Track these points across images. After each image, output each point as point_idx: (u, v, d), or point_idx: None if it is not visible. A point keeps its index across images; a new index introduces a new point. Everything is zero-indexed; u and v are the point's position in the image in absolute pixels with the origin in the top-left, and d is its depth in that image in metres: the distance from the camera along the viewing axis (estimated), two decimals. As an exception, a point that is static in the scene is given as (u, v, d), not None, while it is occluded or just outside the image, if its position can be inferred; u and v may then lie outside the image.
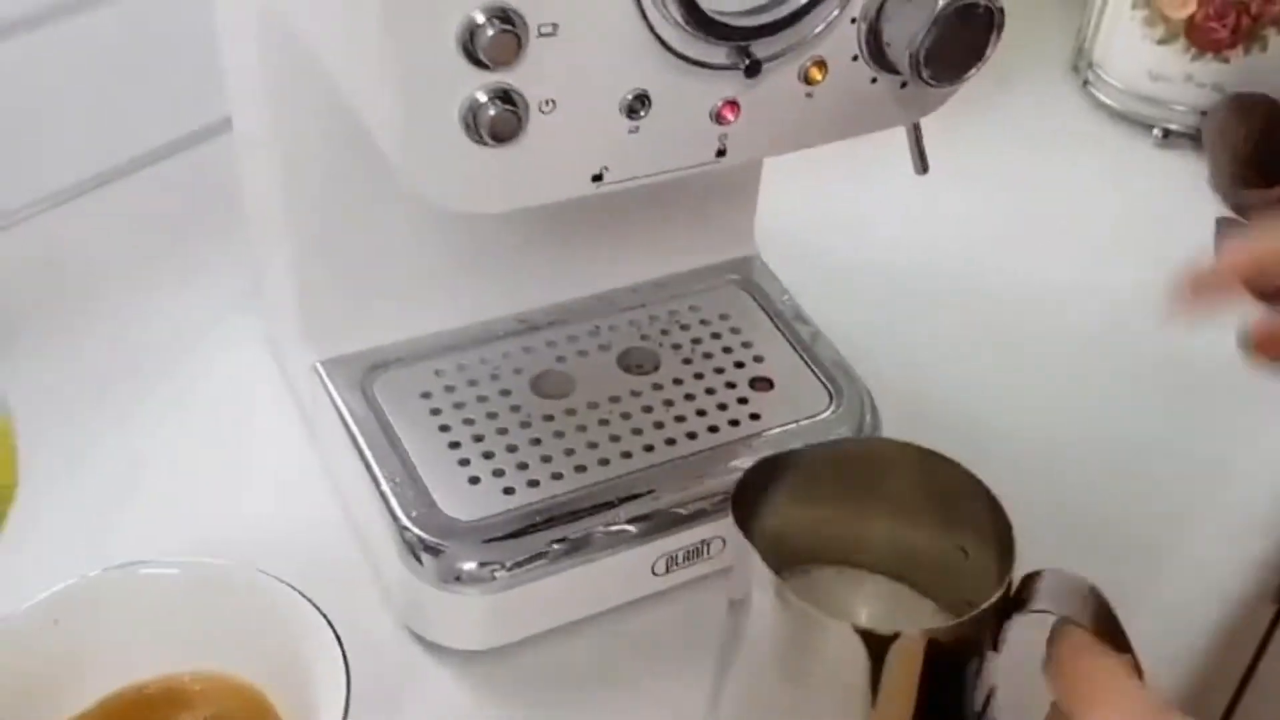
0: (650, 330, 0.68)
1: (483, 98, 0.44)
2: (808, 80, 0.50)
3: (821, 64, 0.49)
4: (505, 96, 0.44)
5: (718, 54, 0.47)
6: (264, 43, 0.56)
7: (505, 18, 0.42)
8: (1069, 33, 0.99)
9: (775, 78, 0.49)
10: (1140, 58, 0.92)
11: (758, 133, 0.50)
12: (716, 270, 0.71)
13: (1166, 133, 0.93)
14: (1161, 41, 0.91)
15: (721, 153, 0.50)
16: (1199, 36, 0.89)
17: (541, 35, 0.43)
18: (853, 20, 0.49)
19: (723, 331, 0.68)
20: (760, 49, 0.47)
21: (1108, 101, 0.95)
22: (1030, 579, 0.47)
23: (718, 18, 0.45)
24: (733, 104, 0.49)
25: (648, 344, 0.67)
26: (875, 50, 0.50)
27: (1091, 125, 0.95)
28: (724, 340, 0.68)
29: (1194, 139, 0.92)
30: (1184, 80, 0.91)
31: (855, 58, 0.50)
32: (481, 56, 0.42)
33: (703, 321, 0.69)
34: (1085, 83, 0.97)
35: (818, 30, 0.48)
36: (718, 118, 0.49)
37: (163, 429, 0.67)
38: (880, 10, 0.49)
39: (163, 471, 0.65)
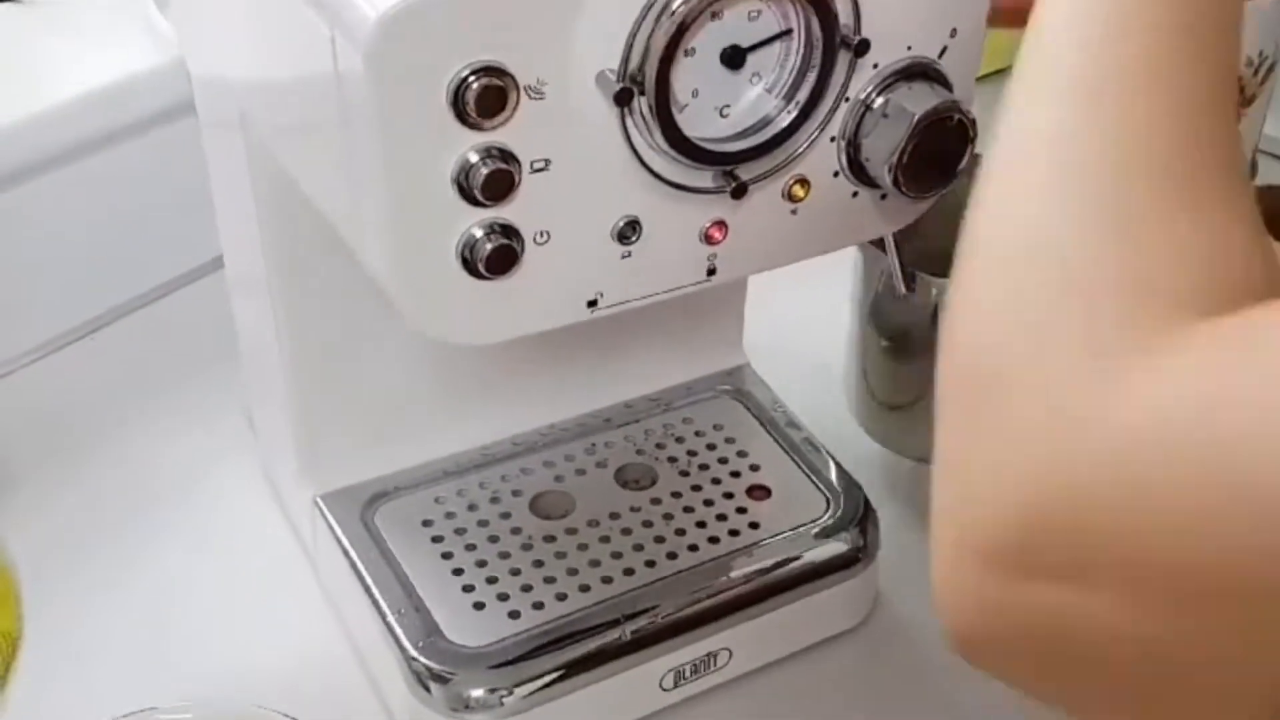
0: (646, 445, 0.69)
1: (479, 233, 0.45)
2: (791, 198, 0.51)
3: (804, 182, 0.51)
4: (501, 231, 0.45)
5: (704, 178, 0.48)
6: (256, 181, 0.57)
7: (499, 156, 0.43)
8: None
9: (760, 197, 0.50)
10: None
11: (746, 250, 0.51)
12: (708, 381, 0.72)
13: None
14: (1124, 135, 0.93)
15: (712, 271, 0.51)
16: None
17: (534, 171, 0.45)
18: (832, 139, 0.50)
19: (717, 442, 0.69)
20: (745, 171, 0.48)
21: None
22: None
23: (704, 145, 0.47)
24: (721, 224, 0.50)
25: (644, 459, 0.68)
26: (855, 166, 0.51)
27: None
28: (719, 451, 0.69)
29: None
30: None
31: (836, 174, 0.51)
32: (477, 194, 0.44)
33: (697, 433, 0.69)
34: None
35: (799, 151, 0.49)
36: (706, 238, 0.50)
37: (164, 572, 0.67)
38: (858, 127, 0.50)
39: (166, 615, 0.65)
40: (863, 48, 0.48)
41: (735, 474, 0.67)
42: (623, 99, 0.44)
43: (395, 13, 0.41)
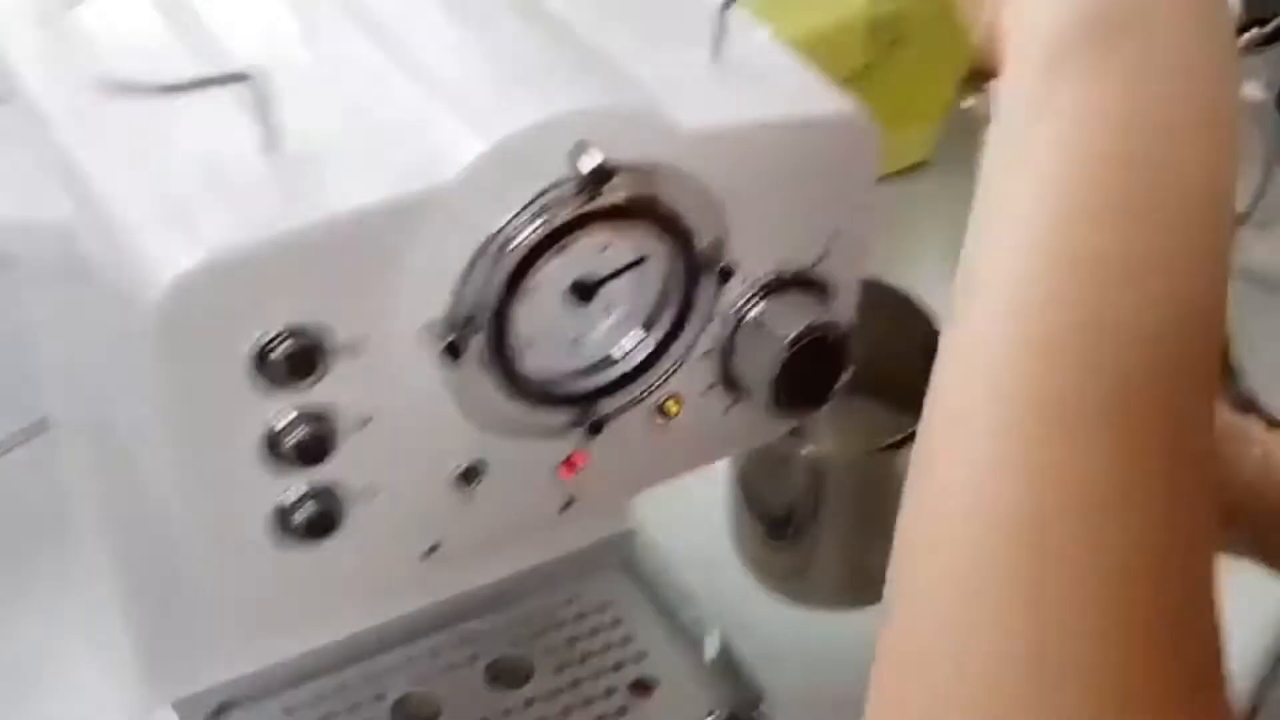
0: (522, 633, 0.63)
1: (293, 498, 0.40)
2: (663, 413, 0.46)
3: (676, 398, 0.46)
4: (319, 494, 0.40)
5: (556, 417, 0.43)
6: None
7: (313, 418, 0.38)
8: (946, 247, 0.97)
9: (625, 420, 0.45)
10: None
11: (610, 476, 0.46)
12: (593, 553, 0.67)
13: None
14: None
15: (570, 503, 0.46)
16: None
17: (357, 427, 0.39)
18: (704, 354, 0.46)
19: (601, 626, 0.64)
20: (604, 406, 0.44)
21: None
22: None
23: (552, 387, 0.42)
24: (580, 454, 0.45)
25: (519, 650, 0.63)
26: (729, 380, 0.47)
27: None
28: (603, 636, 0.63)
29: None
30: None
31: (710, 387, 0.47)
32: (288, 459, 0.38)
33: (579, 615, 0.64)
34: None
35: (664, 378, 0.45)
36: (562, 471, 0.45)
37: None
38: (730, 343, 0.46)
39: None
40: (726, 274, 0.43)
41: (618, 665, 0.62)
42: (452, 353, 0.39)
43: (192, 272, 0.36)
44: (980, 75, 0.47)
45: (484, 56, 0.43)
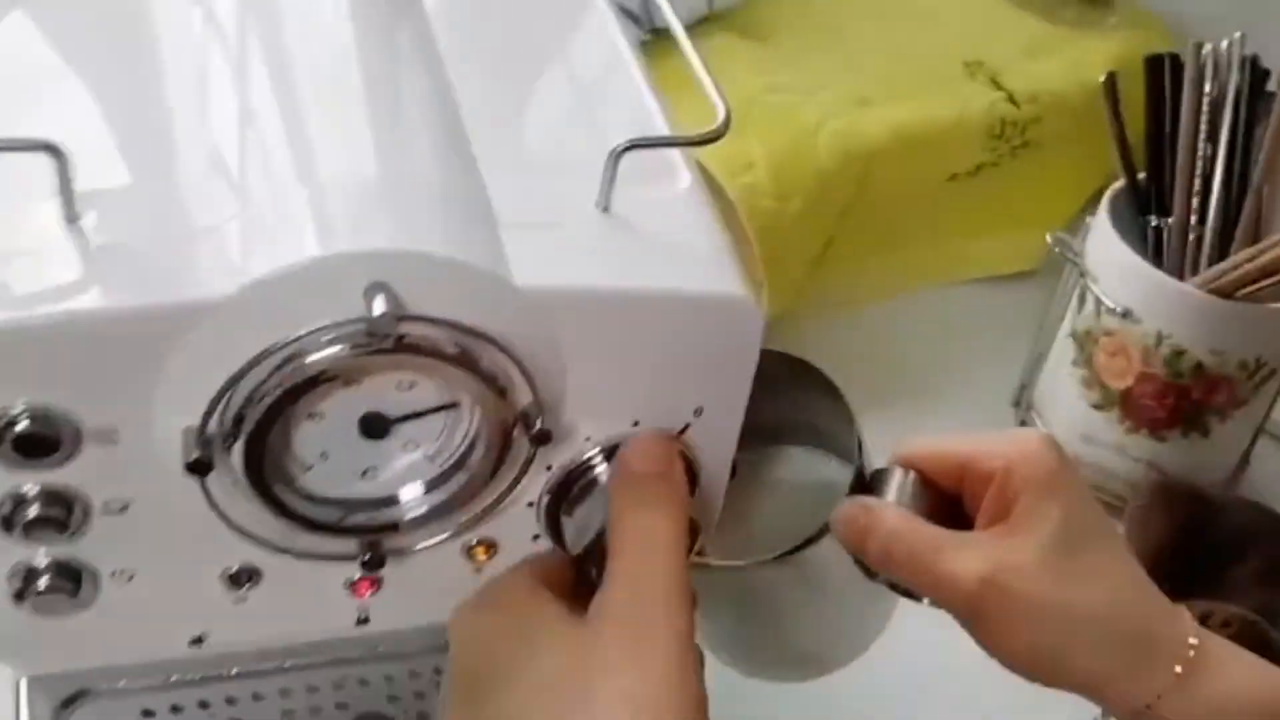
0: (402, 690, 0.62)
1: (39, 566, 0.39)
2: (471, 558, 0.44)
3: (490, 545, 0.44)
4: (63, 568, 0.39)
5: (332, 544, 0.41)
6: None
7: (56, 497, 0.38)
8: (1017, 362, 0.92)
9: (432, 556, 0.43)
10: (1076, 416, 0.85)
11: (410, 602, 0.45)
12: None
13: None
14: (1097, 407, 0.83)
15: (364, 620, 0.45)
16: (1135, 411, 0.82)
17: (110, 513, 0.39)
18: (530, 504, 0.43)
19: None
20: (390, 542, 0.42)
21: (1040, 451, 0.88)
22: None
23: (324, 517, 0.40)
24: (370, 581, 0.43)
25: (394, 707, 0.61)
26: (555, 534, 0.44)
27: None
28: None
29: (1119, 510, 0.84)
30: (1115, 450, 0.84)
31: (536, 538, 0.45)
32: (26, 532, 0.38)
33: (460, 688, 0.63)
34: (1022, 423, 0.90)
35: (474, 523, 0.42)
36: (353, 590, 0.44)
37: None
38: (565, 496, 0.43)
39: None
40: (543, 437, 0.40)
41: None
42: (198, 470, 0.37)
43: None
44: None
45: (365, 159, 0.41)
